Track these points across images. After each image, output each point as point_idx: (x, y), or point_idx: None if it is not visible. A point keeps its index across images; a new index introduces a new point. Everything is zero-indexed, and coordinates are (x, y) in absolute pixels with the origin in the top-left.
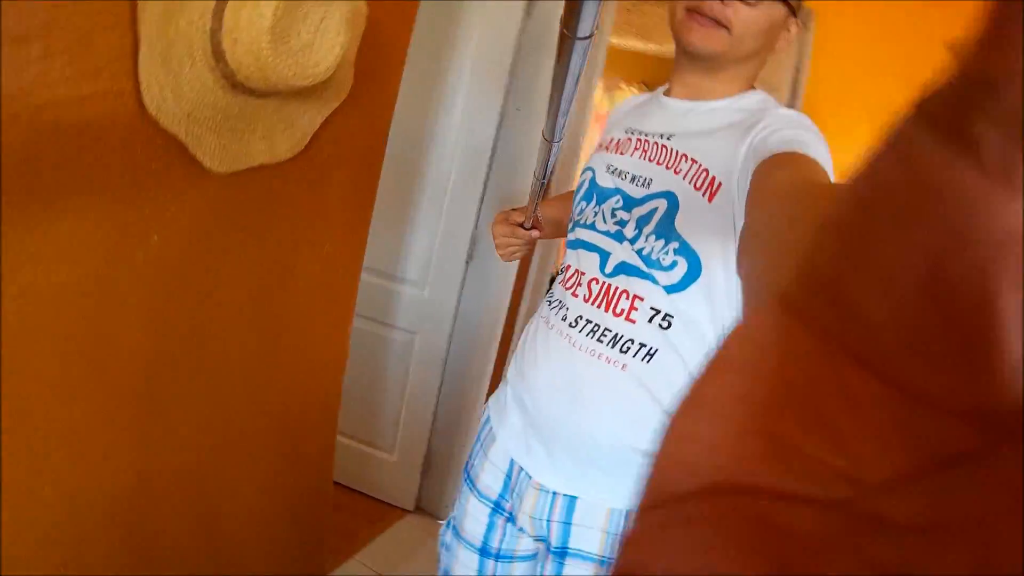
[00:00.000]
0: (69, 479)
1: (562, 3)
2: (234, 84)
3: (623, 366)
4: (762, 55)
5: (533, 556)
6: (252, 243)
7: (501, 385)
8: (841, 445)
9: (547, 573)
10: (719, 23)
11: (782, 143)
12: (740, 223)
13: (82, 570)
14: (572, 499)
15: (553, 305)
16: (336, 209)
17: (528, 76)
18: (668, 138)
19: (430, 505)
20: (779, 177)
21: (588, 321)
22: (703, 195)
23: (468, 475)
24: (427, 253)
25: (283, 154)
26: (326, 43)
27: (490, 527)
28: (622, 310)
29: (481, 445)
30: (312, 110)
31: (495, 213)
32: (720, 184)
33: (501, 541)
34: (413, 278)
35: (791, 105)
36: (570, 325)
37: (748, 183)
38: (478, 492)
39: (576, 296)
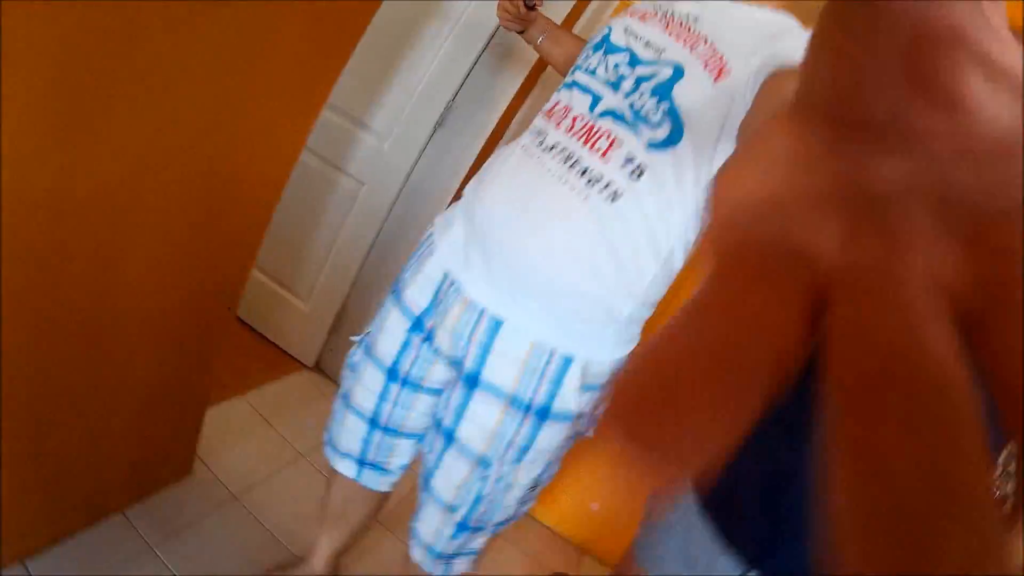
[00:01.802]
0: None
1: None
2: None
3: (585, 197)
4: None
5: (439, 392)
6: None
7: (452, 204)
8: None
9: (452, 403)
10: None
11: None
12: (732, 119)
13: None
14: (498, 323)
15: (532, 133)
16: (322, 22)
17: None
18: (695, 20)
19: (329, 367)
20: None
21: (564, 149)
22: (710, 74)
23: (396, 288)
24: (399, 108)
25: None
26: None
27: (405, 344)
28: (600, 148)
29: (417, 259)
30: None
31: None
32: (730, 71)
33: (412, 364)
34: (378, 128)
35: None
36: (544, 150)
37: (757, 88)
38: (402, 306)
39: (559, 128)
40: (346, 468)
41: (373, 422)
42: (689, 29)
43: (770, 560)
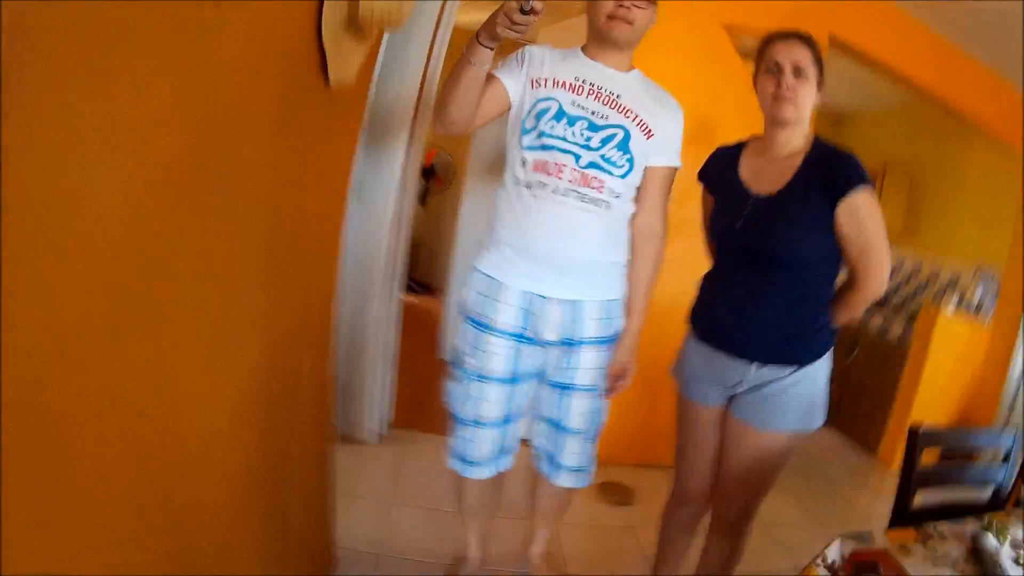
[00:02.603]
0: None
1: None
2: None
3: (596, 213)
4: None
5: (541, 373)
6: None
7: (487, 255)
8: None
9: (562, 364)
10: (629, 21)
11: (668, 160)
12: (653, 159)
13: None
14: (579, 303)
15: (534, 185)
16: (348, 112)
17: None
18: (619, 96)
19: (353, 432)
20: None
21: (574, 191)
22: (644, 135)
23: (478, 323)
24: None
25: (351, 75)
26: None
27: (517, 353)
28: (595, 184)
29: (486, 298)
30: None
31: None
32: (653, 134)
33: (524, 364)
34: None
35: None
36: (561, 194)
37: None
38: (497, 331)
39: (561, 178)
40: (480, 472)
41: (505, 421)
42: (617, 102)
43: (744, 350)
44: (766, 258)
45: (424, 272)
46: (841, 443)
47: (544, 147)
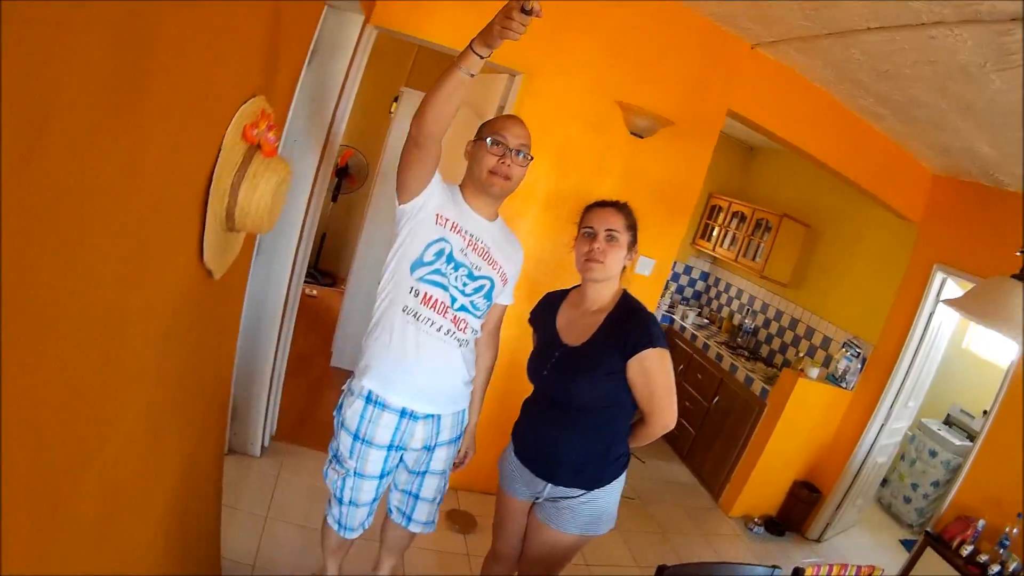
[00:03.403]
0: None
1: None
2: (231, 228)
3: (457, 346)
4: None
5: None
6: (223, 311)
7: (367, 371)
8: None
9: (422, 457)
10: (507, 176)
11: (510, 299)
12: (500, 298)
13: None
14: (439, 415)
15: (422, 318)
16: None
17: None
18: (489, 249)
19: (240, 445)
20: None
21: (449, 330)
22: (502, 282)
23: (364, 439)
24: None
25: (231, 259)
26: (277, 207)
27: (386, 460)
28: (463, 327)
29: (369, 420)
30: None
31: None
32: (507, 279)
33: (388, 464)
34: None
35: None
36: (441, 331)
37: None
38: (376, 445)
39: (445, 317)
40: (354, 534)
41: (374, 500)
42: (488, 254)
43: (543, 472)
44: (566, 401)
45: (329, 262)
46: (688, 481)
47: (431, 282)
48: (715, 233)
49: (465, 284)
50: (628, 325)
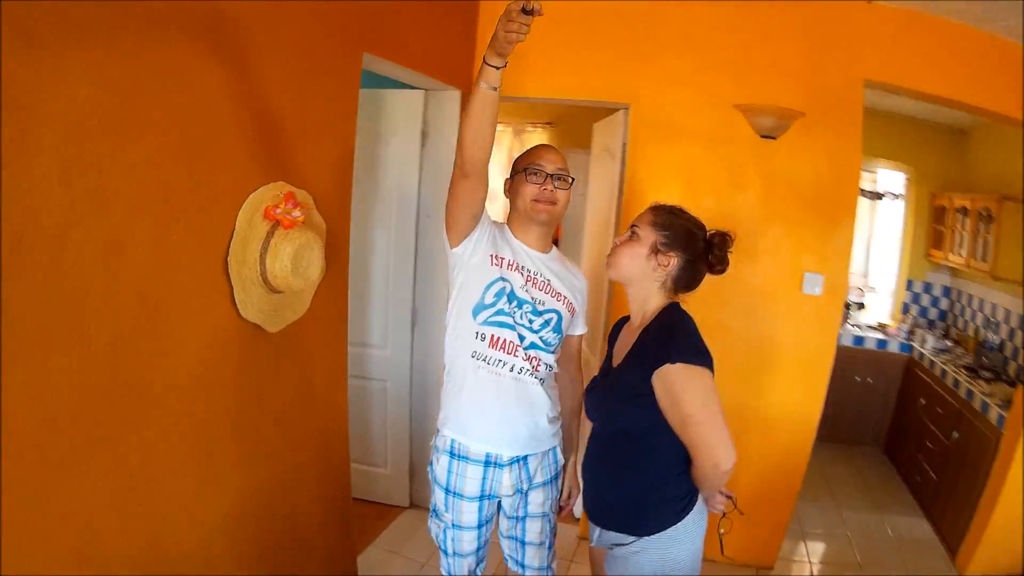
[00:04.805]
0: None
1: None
2: (272, 290)
3: (536, 384)
4: None
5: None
6: (291, 361)
7: (447, 422)
8: None
9: (518, 502)
10: (552, 202)
11: (583, 328)
12: (572, 329)
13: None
14: (525, 458)
15: (492, 361)
16: (328, 334)
17: (428, 198)
18: (549, 281)
19: (421, 500)
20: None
21: (522, 369)
22: (569, 313)
23: (455, 492)
24: (383, 324)
25: (297, 316)
26: (314, 265)
27: (480, 510)
28: (535, 364)
29: (456, 474)
30: (307, 294)
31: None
32: (575, 309)
33: (488, 514)
34: (376, 342)
35: (621, 162)
36: (514, 371)
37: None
38: (468, 498)
39: (516, 356)
40: None
41: (478, 551)
42: (550, 287)
43: (589, 510)
44: (601, 429)
45: None
46: (924, 538)
47: (497, 324)
48: (946, 238)
49: (531, 320)
50: (652, 339)
